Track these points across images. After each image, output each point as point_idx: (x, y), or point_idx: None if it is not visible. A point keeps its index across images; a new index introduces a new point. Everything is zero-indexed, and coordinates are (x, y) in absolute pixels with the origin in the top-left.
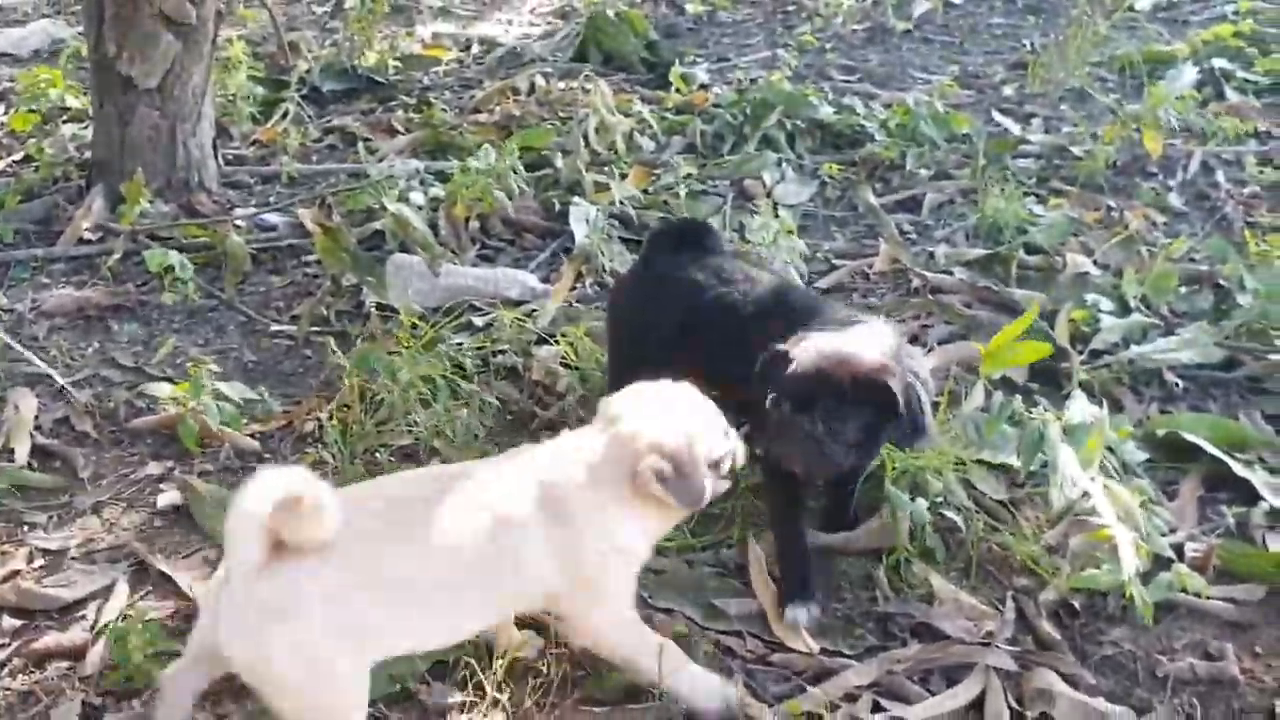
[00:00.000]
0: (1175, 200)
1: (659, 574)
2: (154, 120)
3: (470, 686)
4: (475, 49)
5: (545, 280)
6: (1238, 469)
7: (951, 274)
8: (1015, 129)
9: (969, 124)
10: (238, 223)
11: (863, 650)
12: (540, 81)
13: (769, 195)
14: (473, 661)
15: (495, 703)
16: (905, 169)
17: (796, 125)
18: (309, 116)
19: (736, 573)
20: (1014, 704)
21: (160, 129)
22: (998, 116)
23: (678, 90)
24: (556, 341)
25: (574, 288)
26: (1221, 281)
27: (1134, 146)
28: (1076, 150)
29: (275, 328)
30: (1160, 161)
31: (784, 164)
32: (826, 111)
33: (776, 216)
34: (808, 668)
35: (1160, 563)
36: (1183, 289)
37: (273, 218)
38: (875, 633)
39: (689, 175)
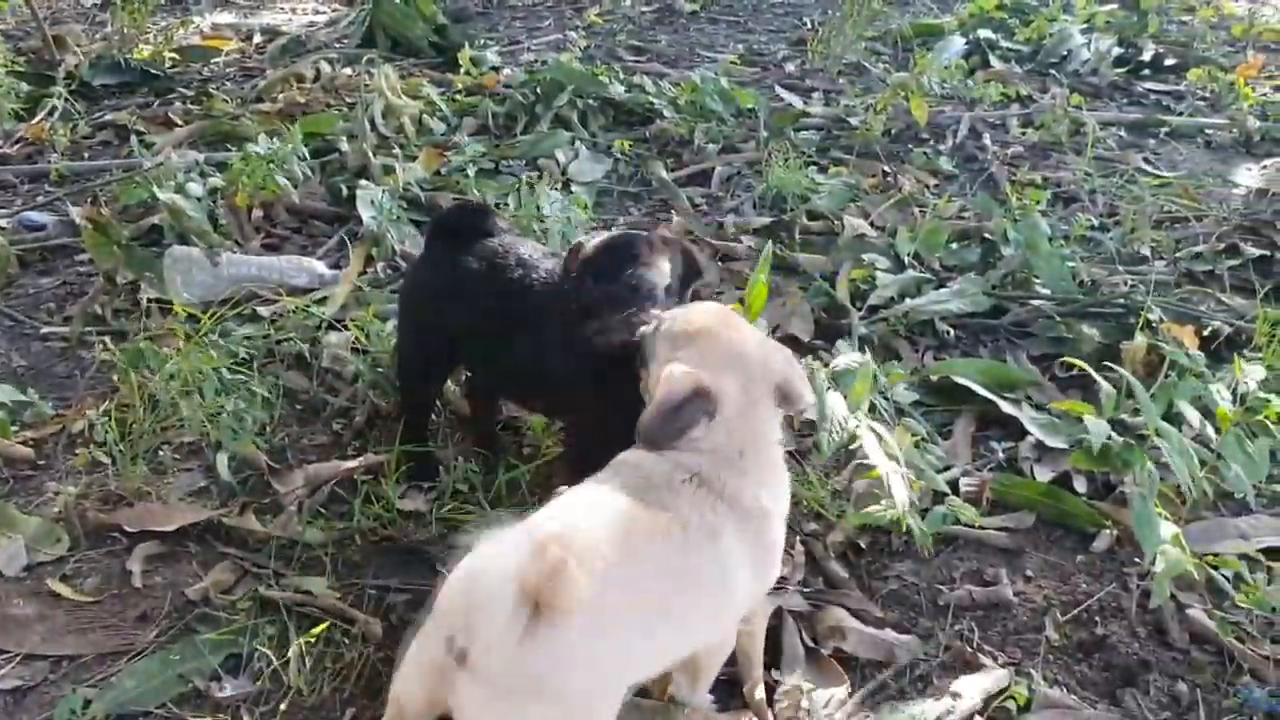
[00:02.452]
0: (946, 163)
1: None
2: None
3: (266, 678)
4: (257, 38)
5: (335, 266)
6: (1006, 407)
7: (740, 242)
8: (798, 102)
9: (754, 99)
10: (1, 224)
11: None
12: (325, 68)
13: (564, 173)
14: (268, 652)
15: (288, 692)
16: (694, 144)
17: (588, 104)
18: (79, 112)
19: None
20: (808, 641)
21: None
22: (781, 91)
23: (468, 73)
24: (346, 327)
25: (364, 272)
26: (988, 235)
27: (907, 115)
28: (854, 121)
29: (46, 330)
30: (932, 128)
31: (577, 142)
32: (617, 90)
33: (570, 193)
34: None
35: (937, 498)
36: (953, 245)
37: (41, 217)
38: None
39: (481, 154)
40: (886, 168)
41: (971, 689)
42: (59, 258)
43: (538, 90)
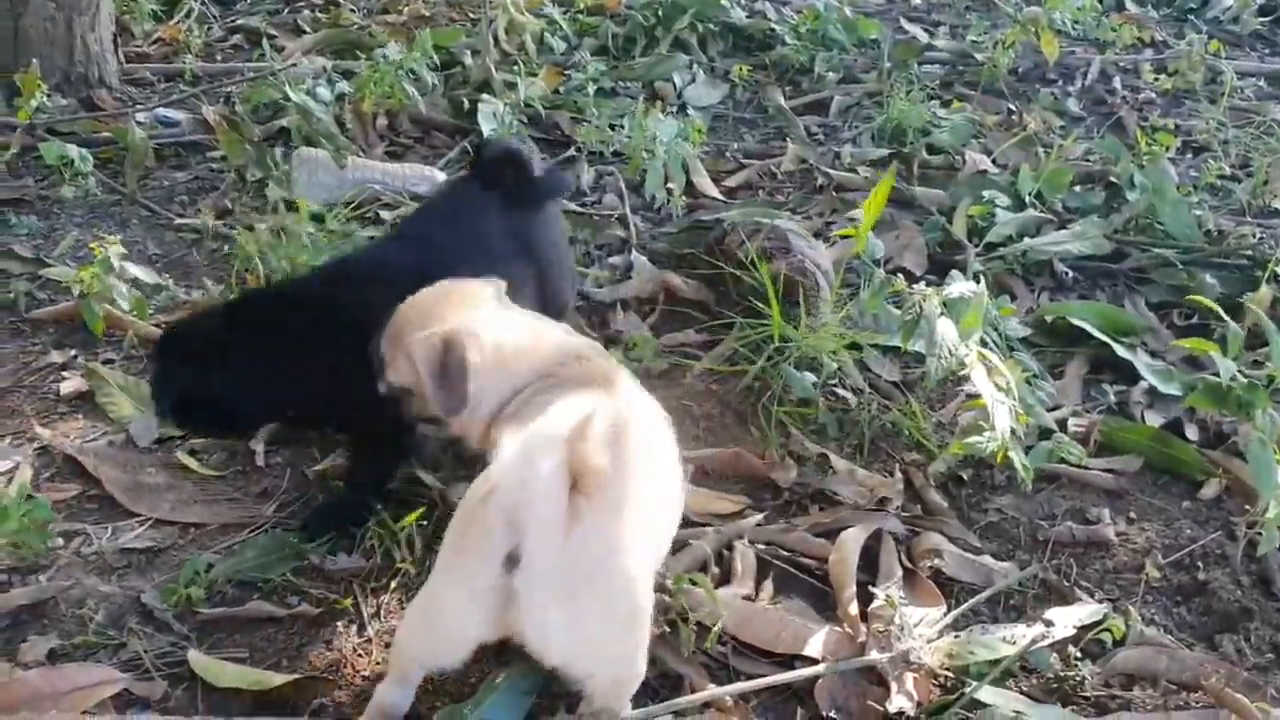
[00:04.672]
0: (1073, 105)
1: None
2: (49, 13)
3: (378, 556)
4: None
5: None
6: (1121, 351)
7: (856, 173)
8: (922, 35)
9: (877, 29)
10: (139, 119)
11: (760, 517)
12: None
13: (679, 97)
14: (380, 531)
15: (397, 571)
16: (814, 73)
17: (708, 29)
18: (213, 16)
19: None
20: (906, 562)
21: (56, 21)
22: (905, 24)
23: None
24: None
25: None
26: (1113, 179)
27: (1035, 53)
28: (979, 56)
29: (179, 221)
30: (1060, 69)
31: (695, 66)
32: (738, 15)
33: (686, 117)
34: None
35: (1044, 435)
36: (1076, 187)
37: (175, 114)
38: (772, 500)
39: (600, 74)
40: (1011, 105)
41: (1065, 619)
42: (191, 154)
43: (658, 13)
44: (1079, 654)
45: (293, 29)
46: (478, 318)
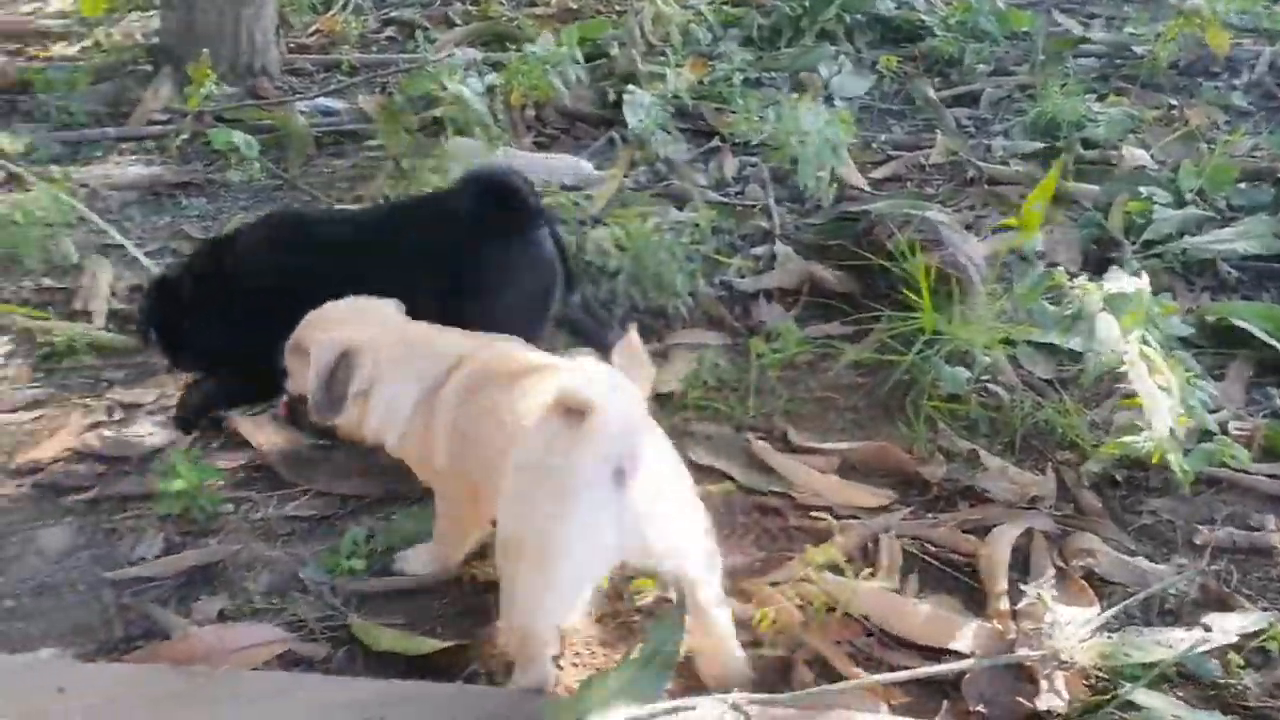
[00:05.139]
0: (1239, 99)
1: (708, 438)
2: (220, 5)
3: None
4: None
5: (599, 168)
6: None
7: (1008, 165)
8: (1075, 28)
9: (1029, 21)
10: (301, 108)
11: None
12: None
13: (825, 88)
14: None
15: None
16: (964, 64)
17: (855, 19)
18: (368, 8)
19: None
20: (1058, 562)
21: (225, 14)
22: (1058, 16)
23: None
24: (609, 225)
25: (627, 174)
26: None
27: (1197, 46)
28: (1138, 49)
29: (338, 206)
30: (1224, 62)
31: (841, 57)
32: (886, 6)
33: (833, 108)
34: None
35: (1204, 437)
36: (1242, 184)
37: (334, 103)
38: (920, 495)
39: (746, 65)
40: (1172, 100)
41: (1226, 625)
42: (349, 142)
43: (805, 3)
44: (1241, 662)
45: (444, 21)
46: (377, 333)
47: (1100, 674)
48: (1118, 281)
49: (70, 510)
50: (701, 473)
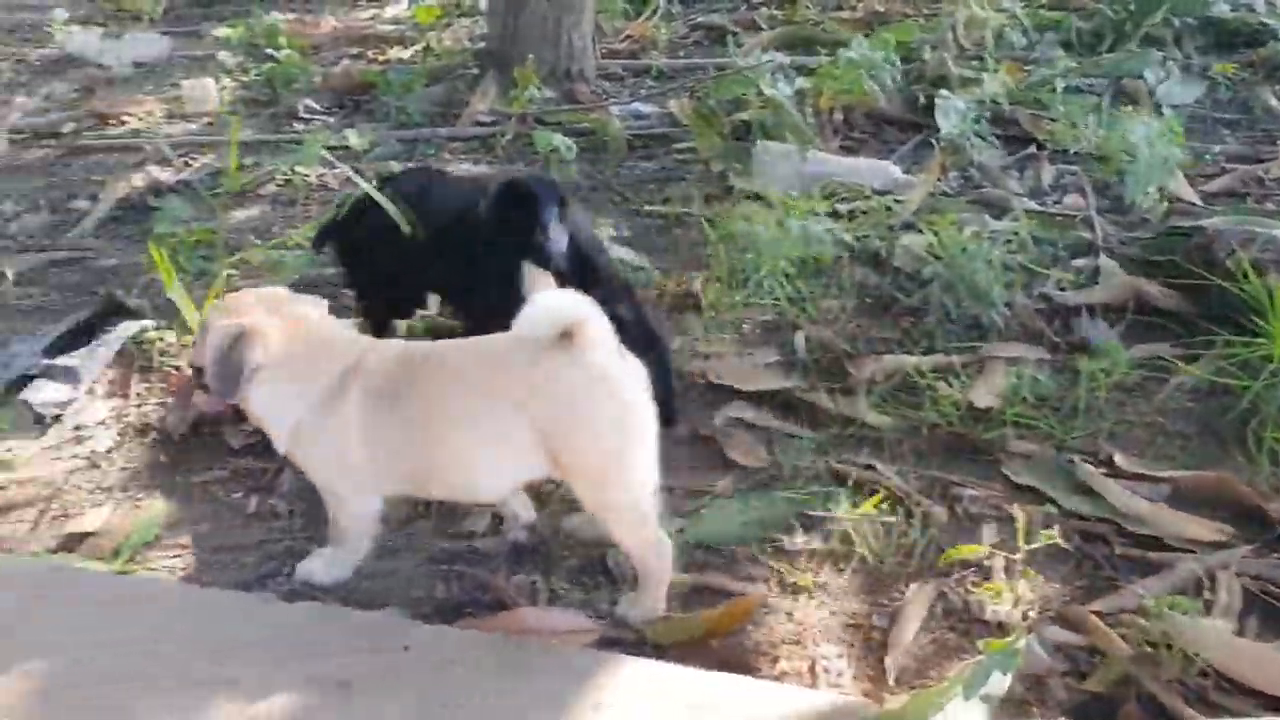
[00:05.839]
0: None
1: (1027, 457)
2: (543, 12)
3: (836, 539)
4: None
5: (906, 173)
6: None
7: None
8: None
9: None
10: (615, 111)
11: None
12: None
13: (1151, 95)
14: (839, 516)
15: (852, 556)
16: None
17: (1185, 23)
18: (677, 13)
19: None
20: None
21: (548, 20)
22: None
23: None
24: (921, 231)
25: (939, 179)
26: None
27: None
28: None
29: (648, 207)
30: None
31: (1169, 62)
32: (1222, 9)
33: (1160, 116)
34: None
35: None
36: None
37: (645, 107)
38: (1260, 532)
39: (1065, 70)
40: None
41: None
42: (658, 145)
43: (1129, 7)
44: None
45: (751, 25)
46: (278, 323)
47: None
48: None
49: None
50: (1019, 492)
